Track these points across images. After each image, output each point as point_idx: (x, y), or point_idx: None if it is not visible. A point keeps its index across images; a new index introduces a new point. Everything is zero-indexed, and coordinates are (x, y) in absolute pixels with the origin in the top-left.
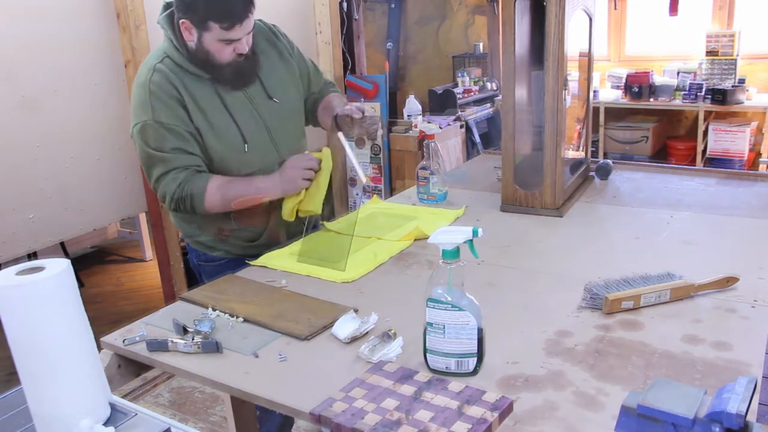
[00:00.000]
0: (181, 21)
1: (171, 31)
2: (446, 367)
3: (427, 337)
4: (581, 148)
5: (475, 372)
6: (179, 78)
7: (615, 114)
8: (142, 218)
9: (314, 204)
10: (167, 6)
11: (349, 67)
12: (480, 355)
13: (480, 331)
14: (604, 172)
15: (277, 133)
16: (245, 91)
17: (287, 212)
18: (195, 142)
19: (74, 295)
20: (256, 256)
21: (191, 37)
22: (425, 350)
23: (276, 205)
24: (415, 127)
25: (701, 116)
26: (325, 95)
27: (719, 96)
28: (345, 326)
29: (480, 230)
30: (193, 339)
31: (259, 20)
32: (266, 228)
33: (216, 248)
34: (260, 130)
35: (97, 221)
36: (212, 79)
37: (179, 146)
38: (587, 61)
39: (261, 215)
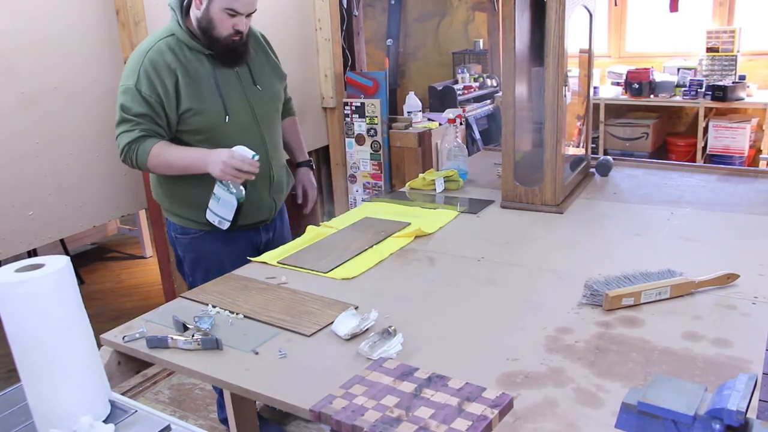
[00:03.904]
0: None
1: (179, 10)
2: None
3: None
4: (581, 144)
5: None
6: (178, 55)
7: (615, 111)
8: (142, 215)
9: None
10: None
11: (349, 64)
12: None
13: None
14: (604, 169)
15: (260, 116)
16: (237, 72)
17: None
18: (165, 117)
19: (74, 292)
20: (228, 229)
21: (200, 6)
22: None
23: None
24: (417, 123)
25: (701, 113)
26: (284, 115)
27: (719, 93)
28: (345, 323)
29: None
30: (193, 336)
31: (256, 28)
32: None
33: (191, 220)
34: (244, 107)
35: (97, 218)
36: (209, 55)
37: (148, 114)
38: (587, 57)
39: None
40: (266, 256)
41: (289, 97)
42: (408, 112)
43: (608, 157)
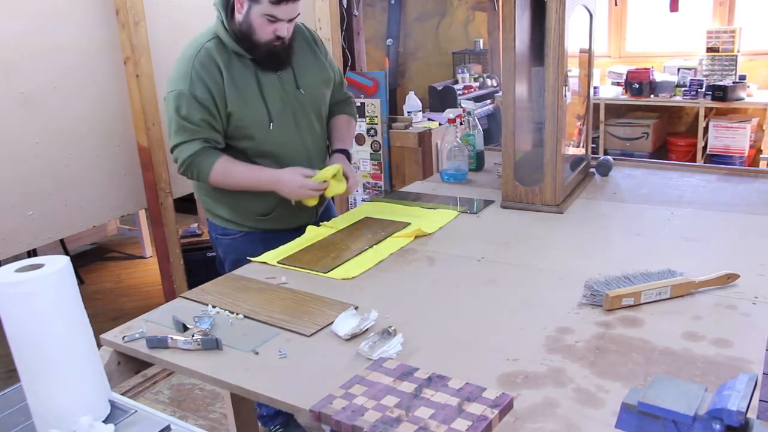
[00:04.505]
0: None
1: (224, 11)
2: None
3: None
4: (581, 144)
5: None
6: (223, 57)
7: (615, 111)
8: (142, 215)
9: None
10: None
11: (349, 64)
12: None
13: None
14: (604, 169)
15: (301, 122)
16: (279, 75)
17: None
18: (221, 120)
19: (74, 292)
20: (268, 231)
21: (241, 10)
22: None
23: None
24: (417, 123)
25: (702, 113)
26: (336, 113)
27: (720, 93)
28: (345, 323)
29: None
30: (193, 336)
31: (302, 23)
32: (277, 204)
33: (232, 221)
34: (287, 113)
35: (97, 218)
36: (252, 60)
37: (206, 119)
38: (587, 57)
39: (274, 194)
40: (266, 256)
41: (347, 96)
42: (408, 112)
43: (608, 157)
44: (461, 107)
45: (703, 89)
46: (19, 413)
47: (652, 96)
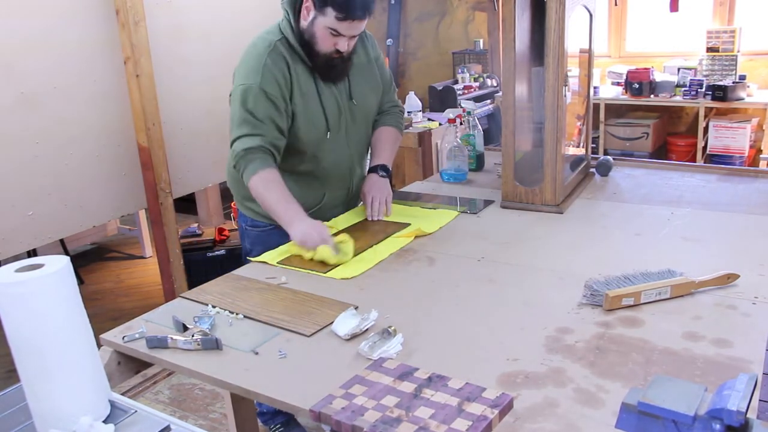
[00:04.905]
0: None
1: (292, 11)
2: None
3: None
4: (581, 144)
5: None
6: (290, 56)
7: (615, 111)
8: (142, 215)
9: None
10: None
11: None
12: None
13: None
14: (604, 169)
15: (351, 132)
16: (335, 86)
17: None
18: (286, 118)
19: (74, 292)
20: None
21: (307, 17)
22: None
23: (327, 185)
24: (417, 123)
25: (702, 113)
26: (382, 123)
27: (720, 93)
28: (345, 323)
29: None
30: (192, 336)
31: None
32: (312, 205)
33: (263, 215)
34: (340, 124)
35: (97, 218)
36: (312, 66)
37: (271, 116)
38: (587, 57)
39: (314, 193)
40: (266, 256)
41: (395, 104)
42: (408, 112)
43: (608, 157)
44: (461, 107)
45: (703, 89)
46: (19, 413)
47: (652, 96)
